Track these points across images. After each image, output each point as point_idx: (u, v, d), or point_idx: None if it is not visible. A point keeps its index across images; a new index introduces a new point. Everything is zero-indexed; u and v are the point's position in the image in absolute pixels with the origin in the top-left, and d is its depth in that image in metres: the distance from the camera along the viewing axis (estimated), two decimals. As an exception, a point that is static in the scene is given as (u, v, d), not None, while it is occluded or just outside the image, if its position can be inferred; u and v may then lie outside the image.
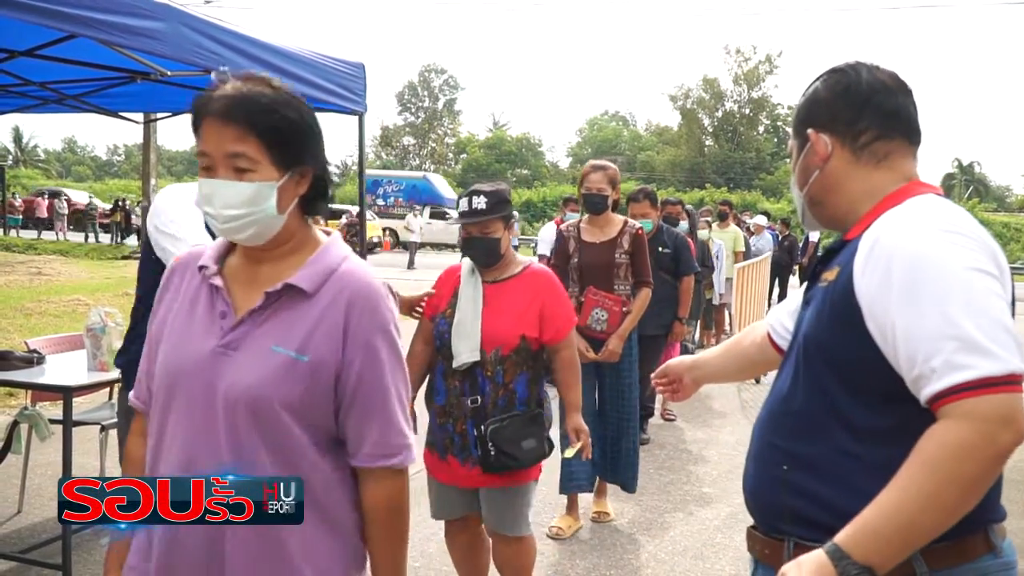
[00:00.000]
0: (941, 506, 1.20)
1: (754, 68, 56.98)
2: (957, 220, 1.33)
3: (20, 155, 65.54)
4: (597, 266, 4.36)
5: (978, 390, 1.18)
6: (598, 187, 4.32)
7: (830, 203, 1.54)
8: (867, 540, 1.22)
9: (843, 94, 1.50)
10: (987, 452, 1.18)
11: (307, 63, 4.43)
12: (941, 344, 1.21)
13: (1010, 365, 1.19)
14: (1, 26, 3.75)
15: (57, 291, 13.46)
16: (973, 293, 1.23)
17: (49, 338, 4.61)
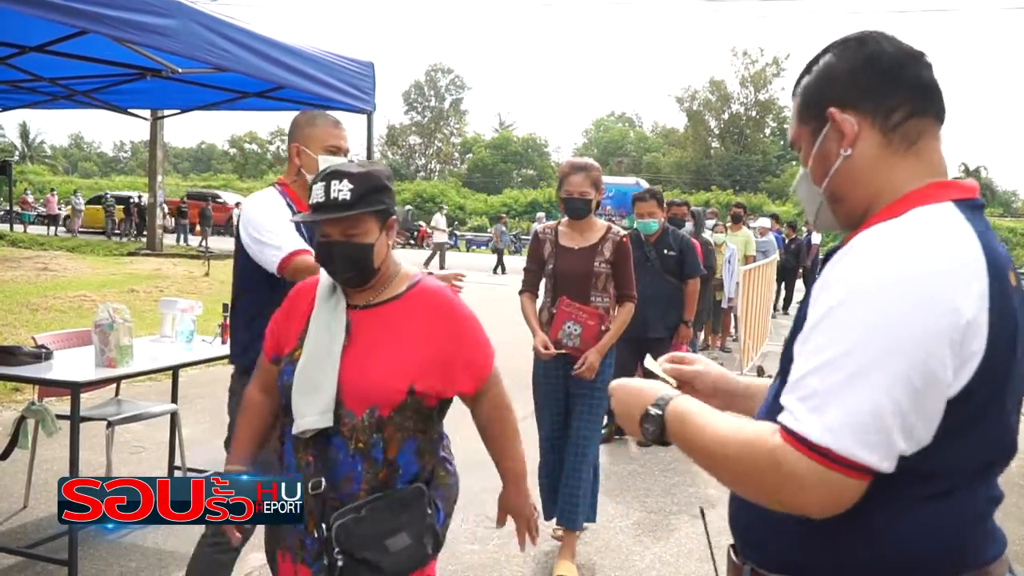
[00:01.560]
0: (721, 476, 1.24)
1: (761, 70, 56.93)
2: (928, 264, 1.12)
3: (27, 151, 65.73)
4: (573, 274, 3.94)
5: (793, 441, 1.11)
6: (580, 190, 3.92)
7: (854, 198, 1.31)
8: (678, 422, 1.29)
9: (868, 65, 1.28)
10: (769, 491, 1.16)
11: (316, 61, 4.43)
12: (800, 383, 1.14)
13: (834, 441, 1.09)
14: (13, 22, 3.77)
15: (63, 287, 13.48)
16: (874, 360, 1.09)
17: (56, 334, 4.62)
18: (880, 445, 1.09)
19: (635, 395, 1.38)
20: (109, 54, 4.50)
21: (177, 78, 4.70)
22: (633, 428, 1.38)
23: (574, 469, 3.93)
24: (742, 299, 9.18)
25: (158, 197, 22.96)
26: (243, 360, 2.90)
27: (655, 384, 1.40)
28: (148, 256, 21.65)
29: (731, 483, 1.24)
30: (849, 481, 1.10)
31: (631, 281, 4.01)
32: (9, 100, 5.82)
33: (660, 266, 5.90)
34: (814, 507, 1.13)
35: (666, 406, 1.32)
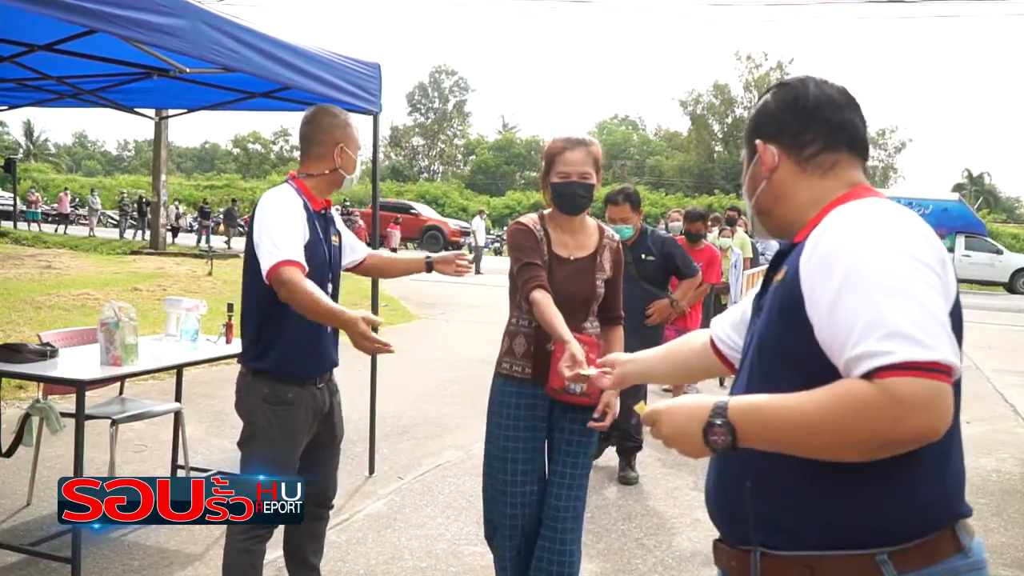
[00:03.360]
0: (818, 443, 1.26)
1: (765, 75, 56.85)
2: (899, 216, 1.34)
3: (31, 148, 65.83)
4: (575, 295, 2.99)
5: (899, 371, 1.18)
6: (581, 171, 2.91)
7: (777, 213, 1.57)
8: (748, 418, 1.32)
9: (790, 106, 1.54)
10: (887, 429, 1.19)
11: (323, 62, 4.44)
12: (869, 332, 1.21)
13: (935, 354, 1.18)
14: (21, 20, 3.78)
15: (67, 285, 13.51)
16: (908, 284, 1.23)
17: (62, 332, 4.63)
18: (954, 348, 1.21)
19: (689, 413, 1.39)
20: (116, 53, 4.51)
21: (183, 78, 4.70)
22: (694, 447, 1.39)
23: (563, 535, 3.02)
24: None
25: (162, 197, 23.00)
26: (253, 364, 2.92)
27: (697, 399, 1.41)
28: (151, 255, 21.68)
29: (838, 448, 1.25)
30: (949, 387, 1.20)
31: (620, 298, 3.19)
32: (16, 98, 5.83)
33: (637, 272, 5.24)
34: (938, 424, 1.19)
35: (727, 411, 1.34)
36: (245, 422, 2.94)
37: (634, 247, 5.28)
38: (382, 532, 4.29)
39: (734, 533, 1.48)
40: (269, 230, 2.74)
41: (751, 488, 1.40)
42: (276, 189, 2.92)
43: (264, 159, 67.37)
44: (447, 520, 4.50)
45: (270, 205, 2.83)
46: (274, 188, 2.92)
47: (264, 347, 2.85)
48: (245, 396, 2.93)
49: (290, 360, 2.86)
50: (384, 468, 5.29)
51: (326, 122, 3.02)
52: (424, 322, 12.61)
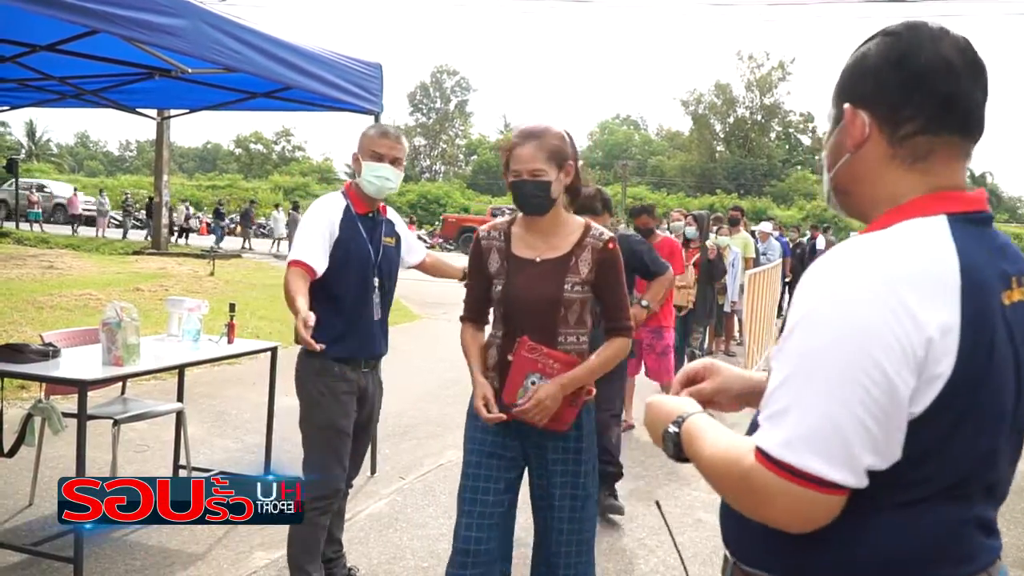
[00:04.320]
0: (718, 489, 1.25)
1: (767, 74, 56.96)
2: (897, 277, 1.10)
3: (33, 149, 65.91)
4: (533, 301, 2.63)
5: (760, 458, 1.12)
6: (531, 168, 2.54)
7: (857, 194, 1.30)
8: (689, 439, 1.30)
9: (896, 66, 1.22)
10: (749, 509, 1.18)
11: (325, 62, 4.44)
12: (769, 400, 1.15)
13: (793, 457, 1.09)
14: (24, 21, 3.79)
15: (69, 285, 13.51)
16: (829, 373, 1.09)
17: (64, 332, 4.63)
18: (843, 460, 1.08)
19: (661, 412, 1.40)
20: (118, 53, 4.52)
21: (185, 78, 4.71)
22: (658, 444, 1.40)
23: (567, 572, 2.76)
24: (747, 303, 9.18)
25: (164, 197, 23.02)
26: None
27: (682, 401, 1.40)
28: (153, 255, 21.69)
29: (724, 496, 1.27)
30: (817, 496, 1.10)
31: (623, 305, 2.76)
32: (18, 98, 5.85)
33: None
34: (786, 522, 1.14)
35: (682, 424, 1.33)
36: (302, 398, 3.31)
37: None
38: (384, 532, 4.29)
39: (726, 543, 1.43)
40: (301, 229, 3.23)
41: None
42: (326, 195, 3.37)
43: (266, 159, 67.44)
44: (449, 520, 4.48)
45: (310, 209, 3.33)
46: (330, 193, 3.37)
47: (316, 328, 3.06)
48: (300, 373, 3.31)
49: (339, 341, 3.20)
50: (386, 468, 5.29)
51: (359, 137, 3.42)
52: (426, 322, 12.60)
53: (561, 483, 2.71)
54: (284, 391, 4.10)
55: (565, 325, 2.65)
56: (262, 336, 8.65)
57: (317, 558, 3.32)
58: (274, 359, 4.66)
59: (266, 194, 44.22)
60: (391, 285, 3.50)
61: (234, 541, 4.03)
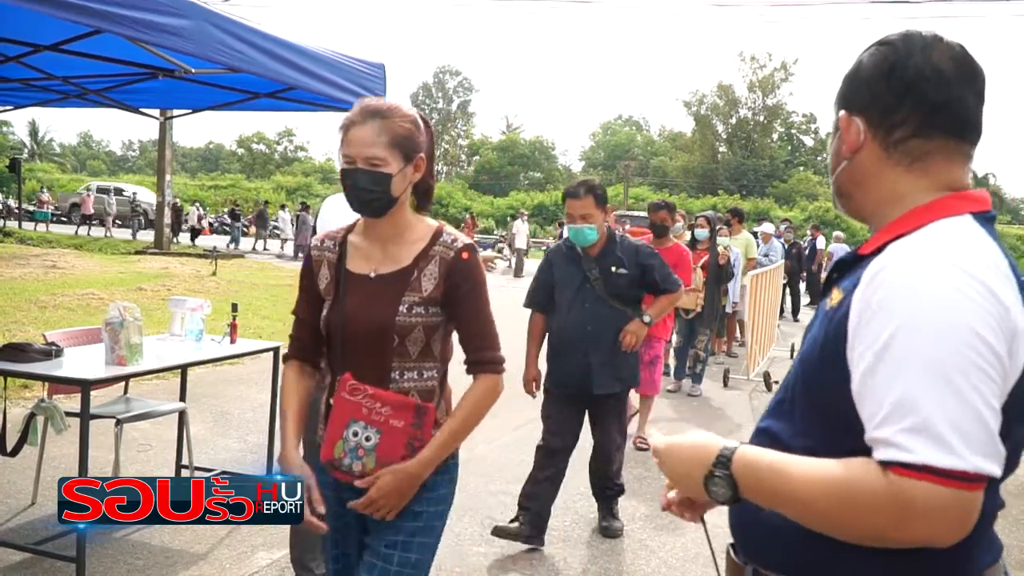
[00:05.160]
0: (814, 521, 1.16)
1: (769, 75, 56.94)
2: (972, 267, 1.12)
3: (36, 148, 66.00)
4: (364, 327, 2.04)
5: (916, 472, 1.05)
6: (367, 155, 1.99)
7: (857, 198, 1.35)
8: (752, 476, 1.21)
9: (886, 75, 1.27)
10: (886, 529, 1.08)
11: (328, 63, 4.44)
12: (897, 417, 1.07)
13: (962, 463, 1.04)
14: (27, 20, 3.79)
15: (71, 285, 13.53)
16: (958, 372, 1.06)
17: (67, 331, 4.64)
18: (995, 451, 1.07)
19: (690, 457, 1.29)
20: (122, 53, 4.52)
21: (189, 78, 4.71)
22: (696, 493, 1.30)
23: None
24: (749, 305, 9.18)
25: (166, 196, 23.04)
26: None
27: (705, 439, 1.29)
28: (156, 255, 21.72)
29: (834, 530, 1.15)
30: (977, 496, 1.07)
31: (487, 332, 2.14)
32: (21, 98, 5.85)
33: (604, 289, 4.18)
34: (950, 534, 1.07)
35: (731, 463, 1.23)
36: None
37: (601, 257, 4.21)
38: (386, 532, 4.29)
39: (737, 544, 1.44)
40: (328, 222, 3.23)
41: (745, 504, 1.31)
42: (334, 196, 3.39)
43: (268, 159, 67.52)
44: (451, 520, 4.43)
45: (329, 204, 3.41)
46: (335, 194, 3.37)
47: None
48: None
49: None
50: (388, 468, 5.29)
51: None
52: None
53: (382, 532, 2.10)
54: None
55: (402, 358, 2.05)
56: (264, 336, 8.65)
57: (319, 555, 3.33)
58: (276, 359, 4.66)
59: (268, 194, 44.23)
60: None
61: (236, 541, 4.03)
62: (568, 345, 4.16)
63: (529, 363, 4.32)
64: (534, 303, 4.37)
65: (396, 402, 2.01)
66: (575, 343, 4.14)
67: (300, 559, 3.32)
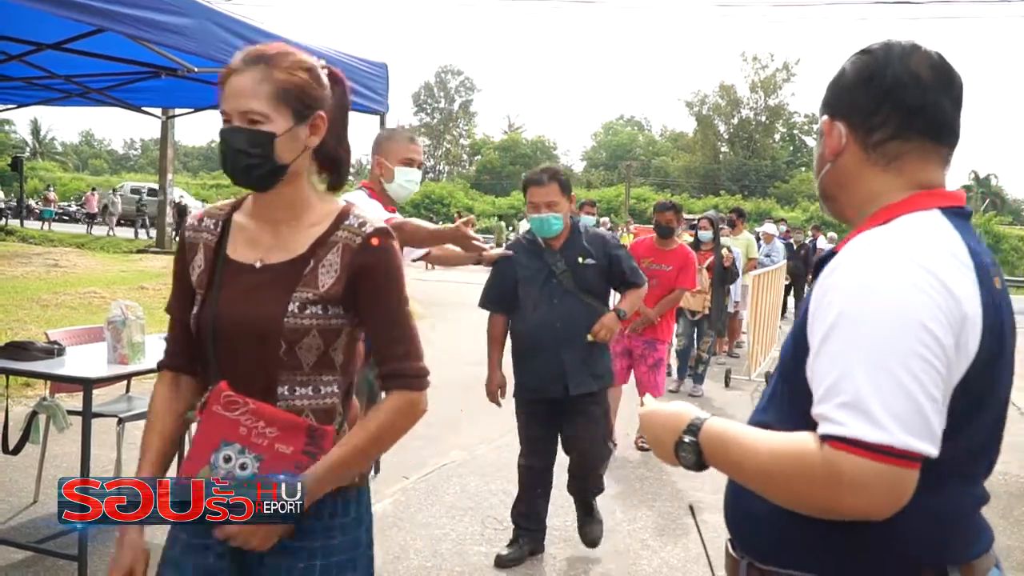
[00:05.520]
0: (765, 491, 1.23)
1: (771, 75, 56.96)
2: (924, 258, 1.19)
3: (38, 147, 66.07)
4: (244, 329, 1.64)
5: (847, 446, 1.11)
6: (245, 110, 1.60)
7: (841, 199, 1.41)
8: (715, 445, 1.29)
9: (865, 82, 1.34)
10: (823, 501, 1.15)
11: (331, 62, 4.44)
12: (833, 393, 1.14)
13: (889, 437, 1.10)
14: (30, 19, 3.80)
15: (73, 283, 13.55)
16: (894, 354, 1.12)
17: (69, 330, 4.64)
18: (927, 432, 1.12)
19: (665, 423, 1.38)
20: (124, 52, 4.52)
21: (191, 77, 4.72)
22: (668, 457, 1.37)
23: None
24: (751, 305, 9.16)
25: (168, 195, 23.07)
26: None
27: (683, 408, 1.38)
28: (157, 254, 21.74)
29: (778, 497, 1.22)
30: (908, 473, 1.12)
31: (405, 337, 1.71)
32: (24, 97, 5.86)
33: (573, 283, 3.86)
34: (881, 507, 1.13)
35: (699, 432, 1.31)
36: None
37: (566, 249, 3.90)
38: (387, 532, 4.29)
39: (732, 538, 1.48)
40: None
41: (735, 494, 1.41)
42: (352, 192, 3.38)
43: (270, 158, 67.51)
44: (452, 520, 4.50)
45: (352, 200, 3.22)
46: (350, 192, 3.37)
47: None
48: None
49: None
50: (389, 467, 5.29)
51: (376, 139, 3.51)
52: (430, 321, 12.62)
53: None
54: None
55: (293, 370, 1.63)
56: (266, 335, 8.65)
57: None
58: (278, 358, 4.65)
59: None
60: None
61: (238, 540, 4.03)
62: (537, 346, 3.83)
63: (492, 369, 3.99)
64: (492, 303, 4.00)
65: (285, 422, 1.60)
66: (545, 343, 3.80)
67: None
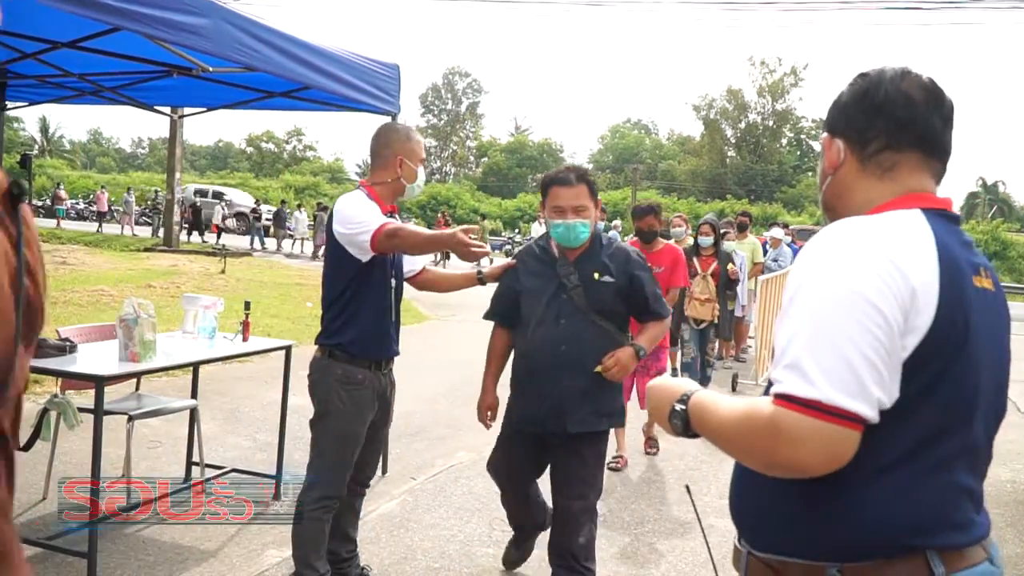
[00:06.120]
0: (728, 449, 1.38)
1: (779, 80, 56.84)
2: (872, 243, 1.29)
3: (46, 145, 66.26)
4: None
5: (785, 402, 1.24)
6: None
7: (839, 209, 1.52)
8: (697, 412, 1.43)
9: (859, 101, 1.48)
10: (764, 453, 1.28)
11: (343, 63, 4.46)
12: (780, 357, 1.28)
13: (817, 393, 1.21)
14: (47, 17, 3.81)
15: (81, 281, 13.59)
16: (831, 320, 1.24)
17: (80, 327, 4.66)
18: (859, 392, 1.22)
19: (665, 394, 1.51)
20: (138, 51, 4.54)
21: (203, 76, 4.73)
22: (664, 424, 1.52)
23: None
24: (758, 310, 9.14)
25: (176, 194, 23.12)
26: (328, 341, 3.30)
27: (683, 382, 1.53)
28: (165, 252, 21.79)
29: (739, 456, 1.38)
30: (841, 431, 1.22)
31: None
32: (37, 95, 5.89)
33: (586, 302, 3.28)
34: (813, 461, 1.23)
35: (688, 400, 1.45)
36: (319, 402, 3.31)
37: (583, 260, 3.33)
38: (395, 532, 4.29)
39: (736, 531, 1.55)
40: (353, 217, 3.15)
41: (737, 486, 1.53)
42: (350, 193, 3.31)
43: (277, 158, 67.67)
44: (460, 521, 4.51)
45: (349, 202, 3.23)
46: (348, 193, 3.32)
47: (340, 326, 3.25)
48: (320, 378, 3.30)
49: (360, 343, 3.25)
50: (397, 468, 5.30)
51: (390, 136, 3.41)
52: (435, 323, 12.63)
53: None
54: (296, 390, 4.12)
55: None
56: (273, 334, 8.67)
57: (323, 555, 3.36)
58: (288, 358, 4.67)
59: (277, 193, 44.32)
60: (401, 285, 3.52)
61: (246, 539, 4.04)
62: (536, 370, 3.29)
63: (486, 388, 3.59)
64: (496, 314, 3.55)
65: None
66: (545, 367, 3.26)
67: (304, 558, 3.32)
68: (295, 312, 11.98)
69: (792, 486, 1.33)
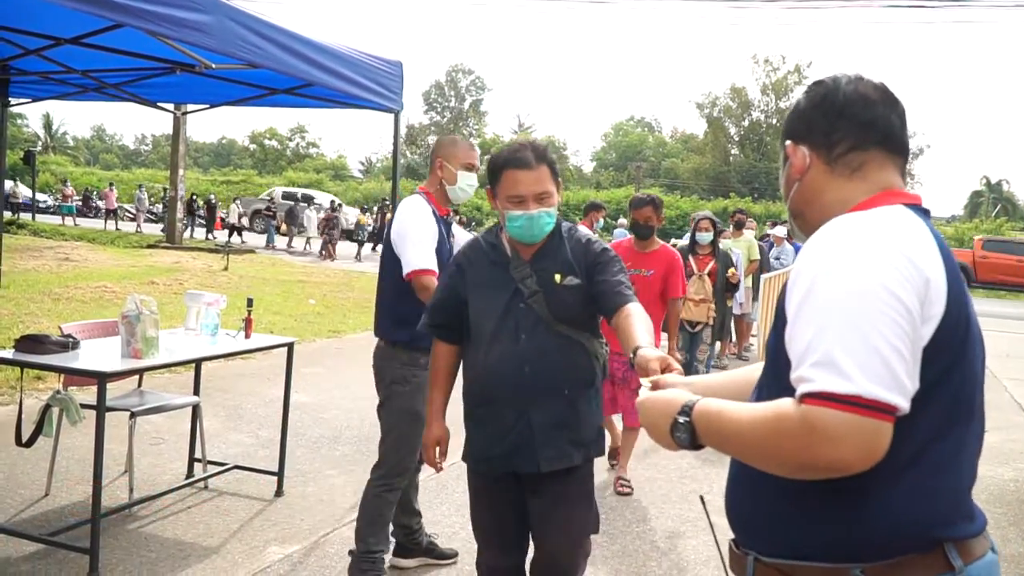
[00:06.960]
0: (749, 456, 1.34)
1: (782, 78, 56.69)
2: (883, 235, 1.31)
3: (49, 141, 66.35)
4: None
5: (818, 400, 1.20)
6: None
7: (808, 215, 1.54)
8: (705, 422, 1.38)
9: (819, 105, 1.51)
10: (798, 455, 1.23)
11: (346, 60, 4.45)
12: (806, 356, 1.24)
13: (855, 387, 1.18)
14: (50, 14, 3.82)
15: (84, 277, 13.61)
16: (858, 313, 1.22)
17: (82, 324, 4.66)
18: (894, 384, 1.20)
19: (661, 407, 1.46)
20: (141, 48, 4.54)
21: (206, 73, 4.73)
22: (664, 440, 1.46)
23: None
24: (761, 308, 9.13)
25: (180, 191, 23.14)
26: (390, 336, 3.53)
27: (677, 392, 1.49)
28: (168, 249, 21.81)
29: (761, 461, 1.31)
30: (880, 424, 1.19)
31: None
32: (40, 91, 5.90)
33: (547, 309, 2.61)
34: (853, 457, 1.20)
35: (692, 412, 1.40)
36: (385, 386, 3.53)
37: (540, 258, 2.67)
38: (397, 529, 4.29)
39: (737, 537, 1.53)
40: (412, 237, 3.37)
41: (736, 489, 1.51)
42: (411, 199, 3.49)
43: (280, 155, 67.67)
44: (462, 518, 4.49)
45: (408, 213, 3.44)
46: (409, 198, 3.50)
47: (399, 324, 3.44)
48: (385, 364, 3.54)
49: (419, 335, 3.22)
50: (399, 466, 5.30)
51: (437, 142, 3.63)
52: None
53: None
54: (299, 387, 4.13)
55: None
56: (276, 331, 8.66)
57: (383, 531, 3.54)
58: (290, 355, 4.67)
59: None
60: None
61: (248, 535, 4.05)
62: (495, 398, 2.63)
63: (431, 419, 2.84)
64: (435, 326, 2.82)
65: None
66: (506, 395, 2.60)
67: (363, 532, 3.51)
68: (298, 309, 11.98)
69: (807, 488, 1.30)
